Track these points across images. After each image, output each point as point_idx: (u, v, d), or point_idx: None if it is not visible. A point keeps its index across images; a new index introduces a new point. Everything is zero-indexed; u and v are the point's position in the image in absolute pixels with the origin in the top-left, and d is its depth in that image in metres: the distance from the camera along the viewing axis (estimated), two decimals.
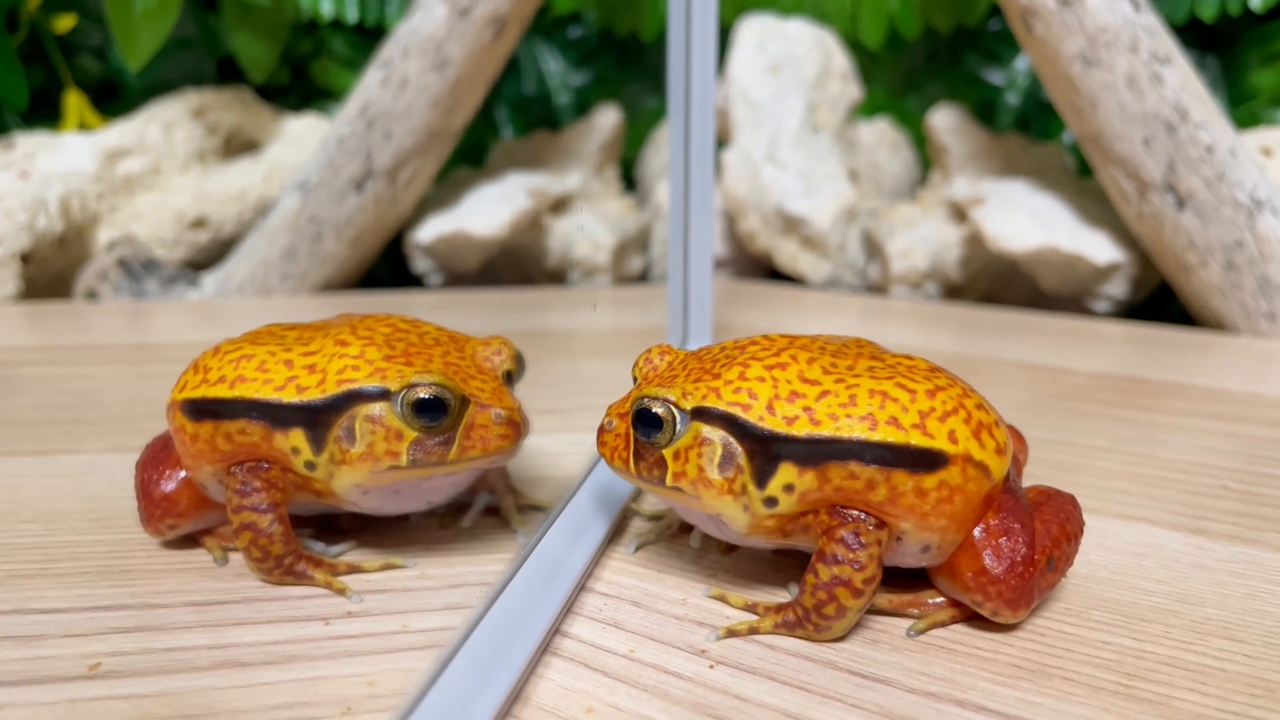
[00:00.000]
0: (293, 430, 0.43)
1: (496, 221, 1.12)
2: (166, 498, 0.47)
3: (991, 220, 1.02)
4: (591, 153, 1.25)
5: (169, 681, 0.38)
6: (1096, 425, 0.67)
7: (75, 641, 0.40)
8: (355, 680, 0.38)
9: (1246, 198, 0.90)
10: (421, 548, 0.48)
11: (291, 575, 0.45)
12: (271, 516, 0.44)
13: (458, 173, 1.29)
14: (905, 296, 1.11)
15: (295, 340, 0.46)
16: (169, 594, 0.44)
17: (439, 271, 1.18)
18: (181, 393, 0.46)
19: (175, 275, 1.10)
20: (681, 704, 0.37)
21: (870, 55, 1.38)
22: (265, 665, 0.39)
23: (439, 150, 1.11)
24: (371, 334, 0.45)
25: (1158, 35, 0.91)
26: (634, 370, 0.45)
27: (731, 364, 0.41)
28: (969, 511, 0.40)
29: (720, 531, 0.42)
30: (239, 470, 0.44)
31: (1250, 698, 0.38)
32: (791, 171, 1.13)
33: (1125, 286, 1.01)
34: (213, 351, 0.47)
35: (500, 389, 0.44)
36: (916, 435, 0.39)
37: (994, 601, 0.40)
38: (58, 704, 0.37)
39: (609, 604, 0.43)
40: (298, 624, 0.42)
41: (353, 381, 0.42)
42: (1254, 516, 0.53)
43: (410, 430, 0.42)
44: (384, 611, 0.43)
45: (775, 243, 1.14)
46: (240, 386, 0.44)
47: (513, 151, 1.30)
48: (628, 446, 0.42)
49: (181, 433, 0.45)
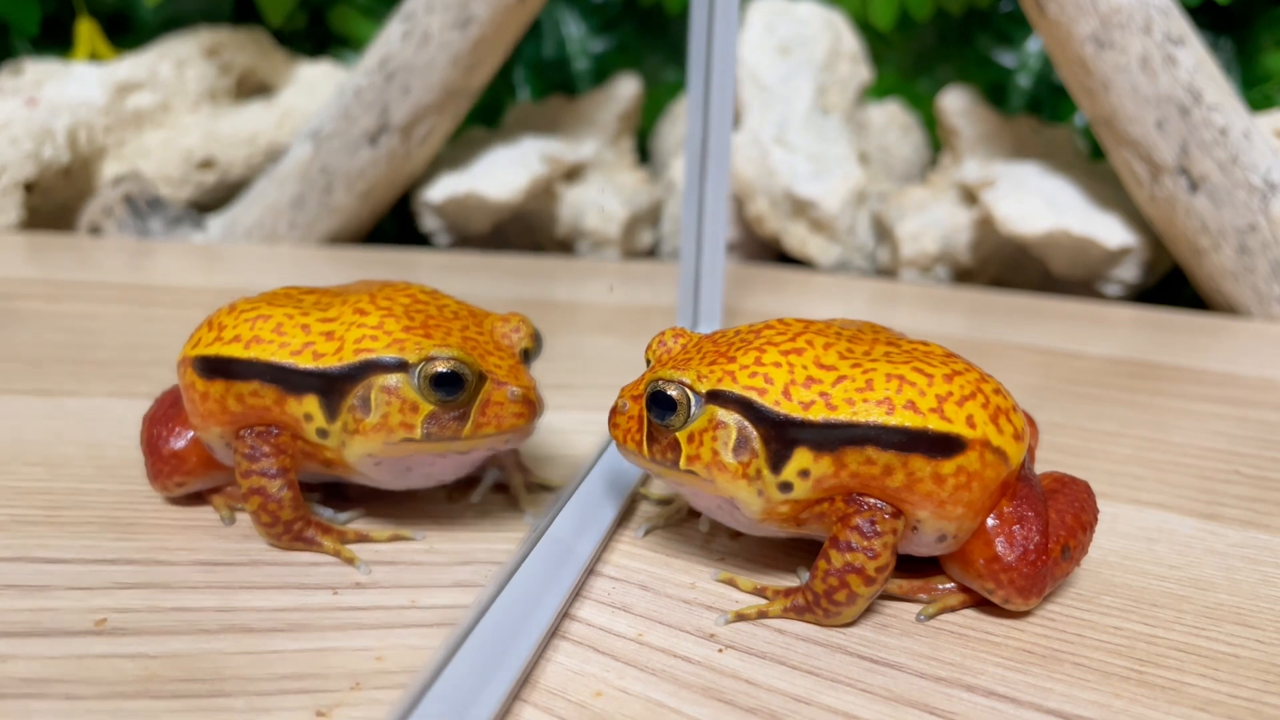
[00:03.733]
0: (306, 396, 0.43)
1: (511, 186, 1.11)
2: (176, 455, 0.47)
3: (1002, 203, 1.01)
4: (608, 122, 1.23)
5: (176, 643, 0.38)
6: (1108, 410, 0.67)
7: (81, 595, 0.40)
8: (363, 654, 0.38)
9: (1260, 181, 0.89)
10: (429, 521, 0.48)
11: (300, 541, 0.44)
12: (281, 481, 0.44)
13: (472, 132, 1.27)
14: (915, 280, 1.10)
15: (313, 305, 0.46)
16: (175, 551, 0.44)
17: (447, 231, 1.17)
18: (195, 349, 0.45)
19: (181, 216, 1.09)
20: (690, 687, 0.37)
21: (880, 37, 1.36)
22: (273, 632, 0.39)
23: (456, 109, 1.10)
24: (391, 304, 0.44)
25: (1171, 16, 0.90)
26: (647, 353, 0.45)
27: (747, 348, 0.41)
28: (986, 499, 0.40)
29: (731, 518, 0.42)
30: (248, 434, 0.44)
31: (1263, 684, 0.38)
32: (801, 154, 1.13)
33: (1137, 270, 1.00)
34: (229, 309, 0.46)
35: (517, 367, 0.44)
36: (934, 419, 0.39)
37: (1006, 589, 0.40)
38: (64, 659, 0.36)
39: (618, 588, 0.43)
40: (305, 592, 0.42)
41: (370, 351, 0.42)
42: (1266, 501, 0.53)
43: (426, 403, 0.41)
44: (392, 585, 0.43)
45: (784, 226, 1.14)
46: (255, 348, 0.43)
47: (529, 115, 1.28)
48: (641, 429, 0.41)
49: (192, 390, 0.45)
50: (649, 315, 0.90)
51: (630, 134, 1.28)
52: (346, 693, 0.35)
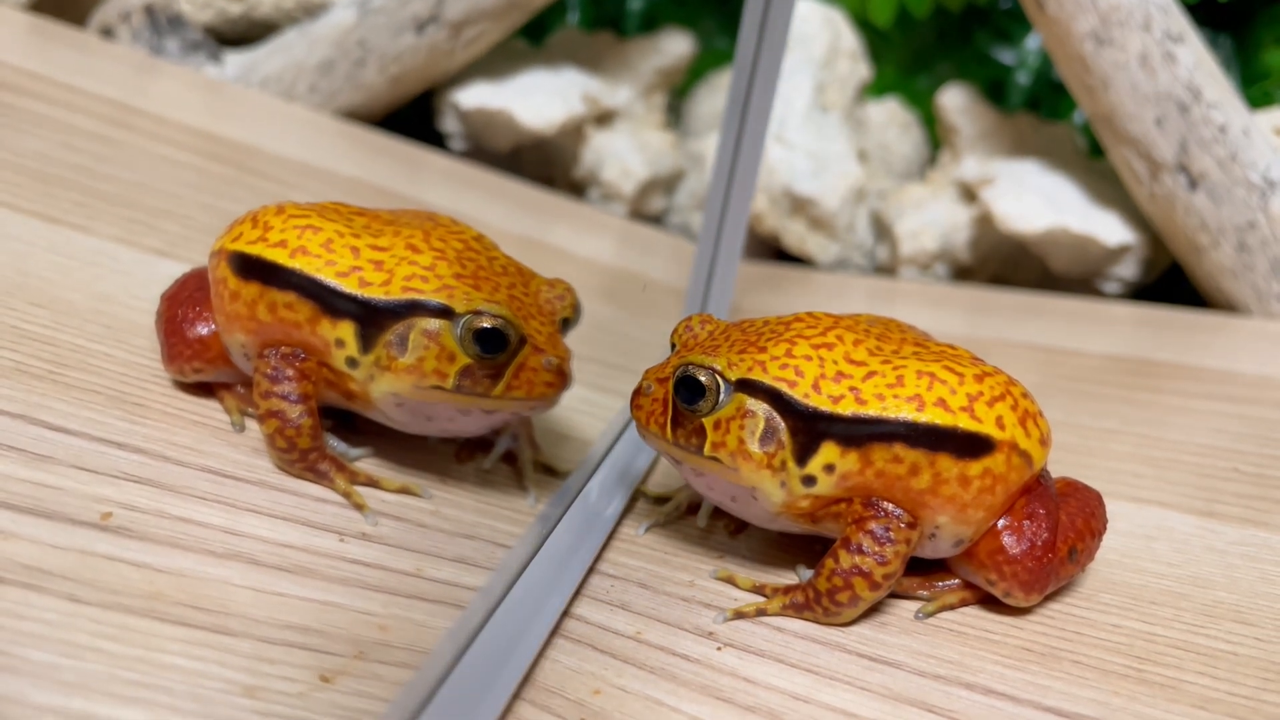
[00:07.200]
0: (342, 321, 0.42)
1: (546, 117, 1.07)
2: (200, 340, 0.45)
3: (1001, 201, 1.01)
4: (647, 73, 1.20)
5: (182, 559, 0.37)
6: (1107, 407, 0.67)
7: (86, 477, 0.39)
8: (368, 620, 0.37)
9: (1259, 178, 0.89)
10: (436, 477, 0.48)
11: (313, 472, 0.44)
12: (302, 408, 0.43)
13: (513, 43, 1.23)
14: (914, 278, 1.10)
15: (364, 228, 0.44)
16: (184, 450, 0.43)
17: (465, 139, 1.14)
18: (235, 243, 0.44)
19: (199, 43, 1.03)
20: (689, 686, 0.37)
21: (879, 34, 1.36)
22: (279, 571, 0.38)
23: (511, 20, 1.06)
24: (444, 247, 0.43)
25: (1170, 13, 0.89)
26: (673, 337, 0.45)
27: (778, 339, 0.41)
28: (1006, 504, 0.40)
29: (747, 510, 0.42)
30: (272, 354, 0.43)
31: (1262, 681, 0.38)
32: (800, 152, 1.12)
33: (1136, 268, 1.00)
34: (276, 210, 0.45)
35: (555, 335, 0.43)
36: (965, 419, 0.39)
37: (1008, 581, 0.40)
38: (68, 551, 0.36)
39: (616, 585, 0.43)
40: (312, 531, 0.41)
41: (419, 292, 0.41)
42: (1265, 499, 0.53)
43: (463, 356, 0.41)
44: (398, 545, 0.42)
45: (783, 224, 1.14)
46: (300, 258, 0.42)
47: (575, 43, 1.25)
48: (665, 412, 0.41)
49: (222, 285, 0.44)
50: (654, 293, 0.88)
51: (665, 91, 1.23)
52: (350, 660, 0.35)
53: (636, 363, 0.46)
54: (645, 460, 0.52)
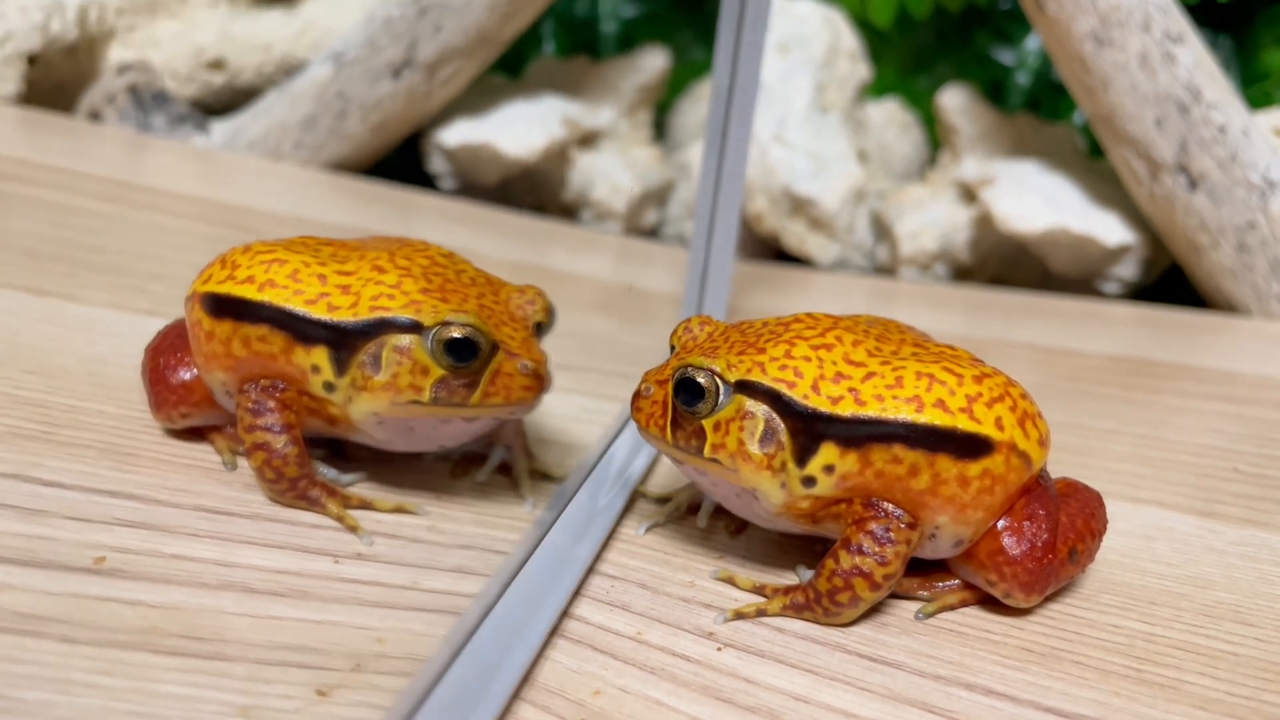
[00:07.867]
0: (316, 347, 0.43)
1: (528, 144, 1.08)
2: (184, 385, 0.46)
3: (1001, 201, 1.01)
4: (629, 92, 1.21)
5: (176, 594, 0.37)
6: (1107, 408, 0.67)
7: (79, 526, 0.40)
8: (365, 634, 0.37)
9: (1259, 179, 0.89)
10: (432, 495, 0.48)
11: (304, 500, 0.44)
12: (286, 438, 0.43)
13: (491, 78, 1.24)
14: (914, 278, 1.10)
15: (330, 256, 0.45)
16: (176, 492, 0.44)
17: (454, 177, 1.15)
18: (205, 285, 0.45)
19: (185, 115, 1.05)
20: (689, 686, 0.37)
21: (879, 34, 1.36)
22: (274, 596, 0.38)
23: (485, 55, 1.07)
24: (409, 265, 0.44)
25: (1170, 14, 0.89)
26: (672, 339, 0.45)
27: (777, 340, 0.41)
28: (1005, 505, 0.40)
29: (748, 510, 0.42)
30: (252, 388, 0.44)
31: (1262, 682, 0.38)
32: (800, 152, 1.12)
33: (1136, 268, 1.00)
34: (243, 249, 0.46)
35: (530, 340, 0.44)
36: (964, 419, 0.39)
37: (1008, 582, 0.40)
38: (61, 596, 0.36)
39: (616, 586, 0.43)
40: (307, 556, 0.41)
41: (386, 310, 0.42)
42: (1265, 499, 0.53)
43: (437, 368, 0.41)
44: (394, 561, 0.42)
45: (783, 224, 1.14)
46: (269, 291, 0.43)
47: (552, 70, 1.26)
48: (665, 414, 0.41)
49: (198, 327, 0.45)
50: (650, 302, 0.89)
51: (649, 108, 1.24)
52: (347, 674, 0.35)
53: (636, 369, 0.47)
54: (645, 460, 0.52)
